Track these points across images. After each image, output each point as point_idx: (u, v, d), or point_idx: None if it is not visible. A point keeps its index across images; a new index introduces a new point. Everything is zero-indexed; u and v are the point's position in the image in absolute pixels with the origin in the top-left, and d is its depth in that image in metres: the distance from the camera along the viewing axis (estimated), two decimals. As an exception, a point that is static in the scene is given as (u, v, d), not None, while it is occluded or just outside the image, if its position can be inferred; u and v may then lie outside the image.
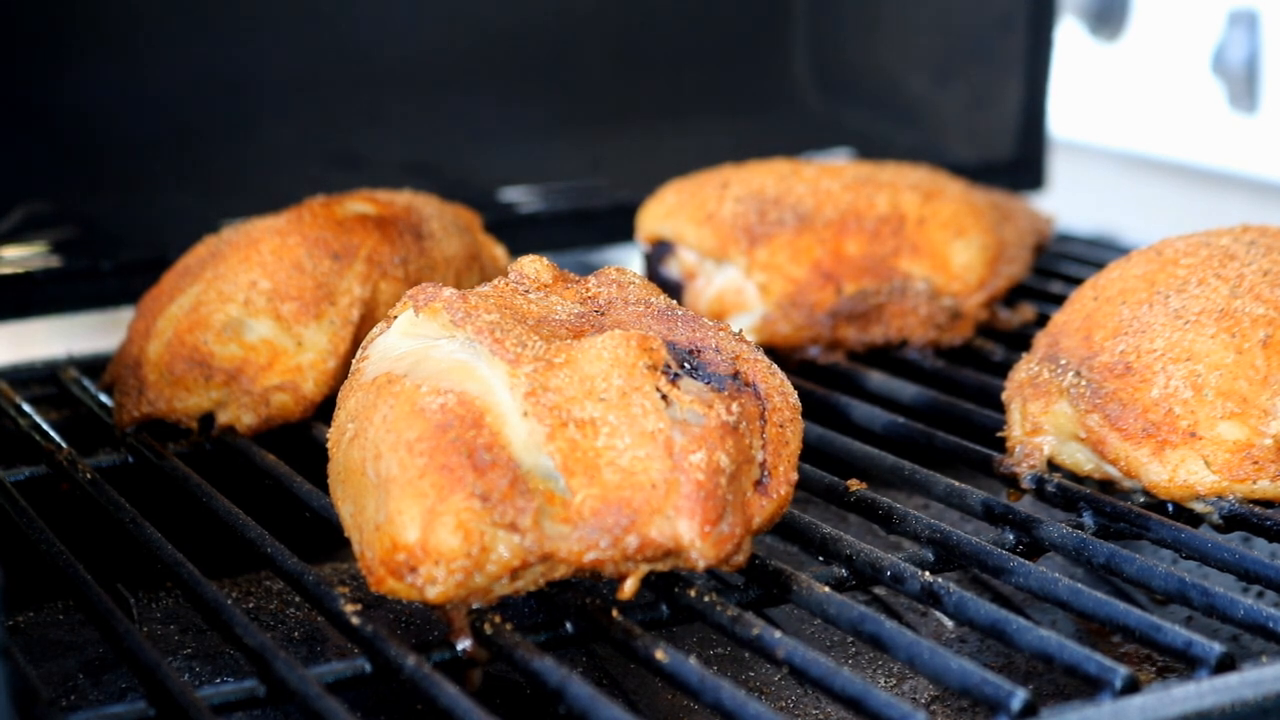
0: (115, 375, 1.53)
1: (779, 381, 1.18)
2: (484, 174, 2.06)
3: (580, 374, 1.12)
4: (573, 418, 1.10)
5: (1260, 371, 1.28)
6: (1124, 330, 1.34)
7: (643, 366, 1.12)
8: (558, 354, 1.14)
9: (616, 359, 1.12)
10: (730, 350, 1.18)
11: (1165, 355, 1.30)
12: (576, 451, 1.09)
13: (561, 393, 1.11)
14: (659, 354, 1.13)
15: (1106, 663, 1.03)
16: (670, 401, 1.11)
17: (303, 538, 1.34)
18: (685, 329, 1.19)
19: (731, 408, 1.12)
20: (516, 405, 1.10)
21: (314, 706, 1.03)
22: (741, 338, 1.21)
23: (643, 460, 1.08)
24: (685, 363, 1.15)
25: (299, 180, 1.81)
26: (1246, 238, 1.40)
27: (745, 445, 1.12)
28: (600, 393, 1.11)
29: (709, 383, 1.14)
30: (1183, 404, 1.28)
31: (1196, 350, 1.29)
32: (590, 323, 1.21)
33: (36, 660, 1.36)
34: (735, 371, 1.16)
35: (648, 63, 2.11)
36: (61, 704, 1.26)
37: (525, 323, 1.18)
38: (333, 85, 1.95)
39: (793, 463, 1.16)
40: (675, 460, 1.08)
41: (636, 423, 1.09)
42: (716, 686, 1.01)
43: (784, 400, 1.17)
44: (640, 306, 1.23)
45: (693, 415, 1.11)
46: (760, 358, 1.19)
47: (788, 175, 1.75)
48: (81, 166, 1.87)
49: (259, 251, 1.51)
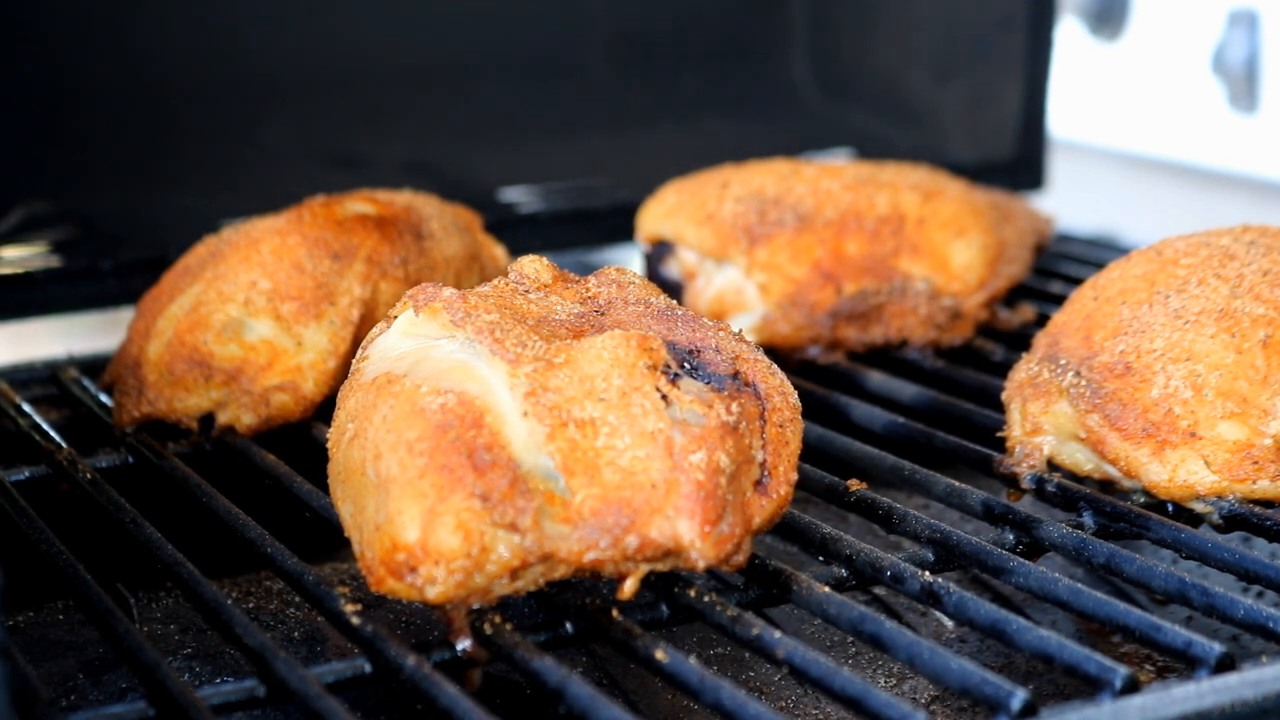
0: (115, 375, 1.53)
1: (779, 381, 1.18)
2: (484, 174, 2.06)
3: (580, 374, 1.12)
4: (573, 418, 1.10)
5: (1260, 371, 1.28)
6: (1124, 330, 1.34)
7: (643, 366, 1.12)
8: (558, 354, 1.14)
9: (616, 359, 1.12)
10: (730, 350, 1.18)
11: (1165, 355, 1.30)
12: (576, 451, 1.09)
13: (561, 393, 1.11)
14: (659, 354, 1.13)
15: (1106, 663, 1.03)
16: (670, 402, 1.11)
17: (303, 538, 1.33)
18: (685, 329, 1.19)
19: (731, 408, 1.12)
20: (516, 405, 1.10)
21: (314, 706, 1.03)
22: (741, 338, 1.21)
23: (643, 460, 1.08)
24: (685, 363, 1.15)
25: (299, 180, 1.81)
26: (1246, 238, 1.40)
27: (745, 445, 1.12)
28: (600, 393, 1.10)
29: (709, 383, 1.14)
30: (1183, 404, 1.28)
31: (1196, 350, 1.29)
32: (590, 323, 1.21)
33: (36, 660, 1.36)
34: (735, 371, 1.16)
35: (648, 63, 2.11)
36: (61, 704, 1.26)
37: (525, 323, 1.18)
38: (333, 85, 1.95)
39: (793, 463, 1.16)
40: (675, 460, 1.08)
41: (636, 423, 1.09)
42: (716, 686, 1.01)
43: (784, 400, 1.17)
44: (640, 306, 1.23)
45: (693, 415, 1.10)
46: (760, 358, 1.19)
47: (788, 175, 1.75)
48: (81, 166, 1.87)
49: (259, 251, 1.51)
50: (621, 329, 1.17)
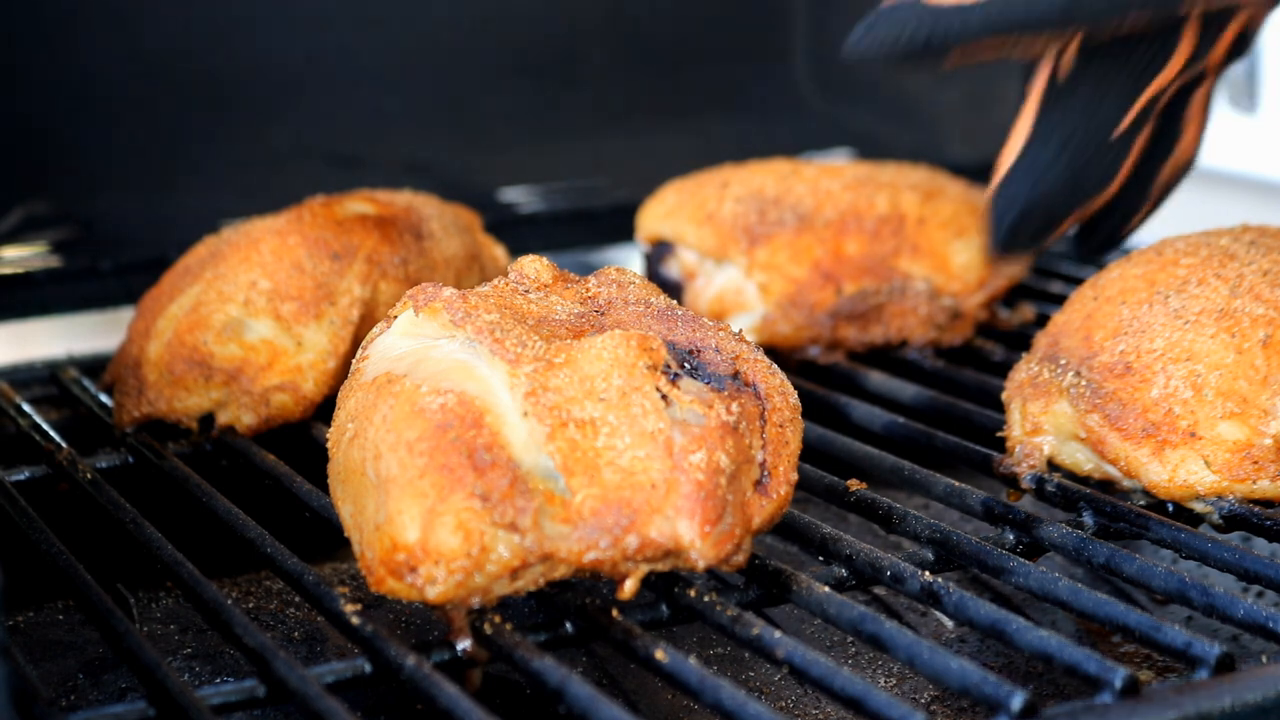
0: (115, 375, 1.53)
1: (779, 381, 1.18)
2: (484, 174, 2.06)
3: (580, 374, 1.12)
4: (573, 418, 1.10)
5: (1260, 371, 1.28)
6: (1124, 330, 1.34)
7: (643, 366, 1.11)
8: (558, 354, 1.14)
9: (616, 359, 1.12)
10: (730, 350, 1.18)
11: (1165, 355, 1.30)
12: (576, 451, 1.09)
13: (561, 393, 1.11)
14: (659, 354, 1.13)
15: (1106, 663, 1.02)
16: (670, 402, 1.10)
17: (303, 538, 1.33)
18: (685, 329, 1.19)
19: (731, 408, 1.12)
20: (516, 405, 1.10)
21: (314, 707, 1.03)
22: (741, 338, 1.21)
23: (643, 460, 1.08)
24: (685, 363, 1.15)
25: (299, 180, 1.80)
26: (1247, 238, 1.40)
27: (745, 445, 1.12)
28: (600, 393, 1.10)
29: (709, 383, 1.14)
30: (1182, 404, 1.28)
31: (1196, 350, 1.29)
32: (590, 323, 1.21)
33: (36, 660, 1.36)
34: (735, 371, 1.16)
35: (648, 63, 2.11)
36: (61, 704, 1.26)
37: (525, 323, 1.18)
38: (333, 85, 1.95)
39: (793, 463, 1.16)
40: (675, 460, 1.08)
41: (636, 423, 1.09)
42: (716, 686, 1.01)
43: (784, 400, 1.17)
44: (640, 306, 1.23)
45: (693, 415, 1.10)
46: (760, 358, 1.19)
47: (788, 175, 1.75)
48: (81, 166, 1.87)
49: (259, 251, 1.51)
50: (621, 329, 1.17)
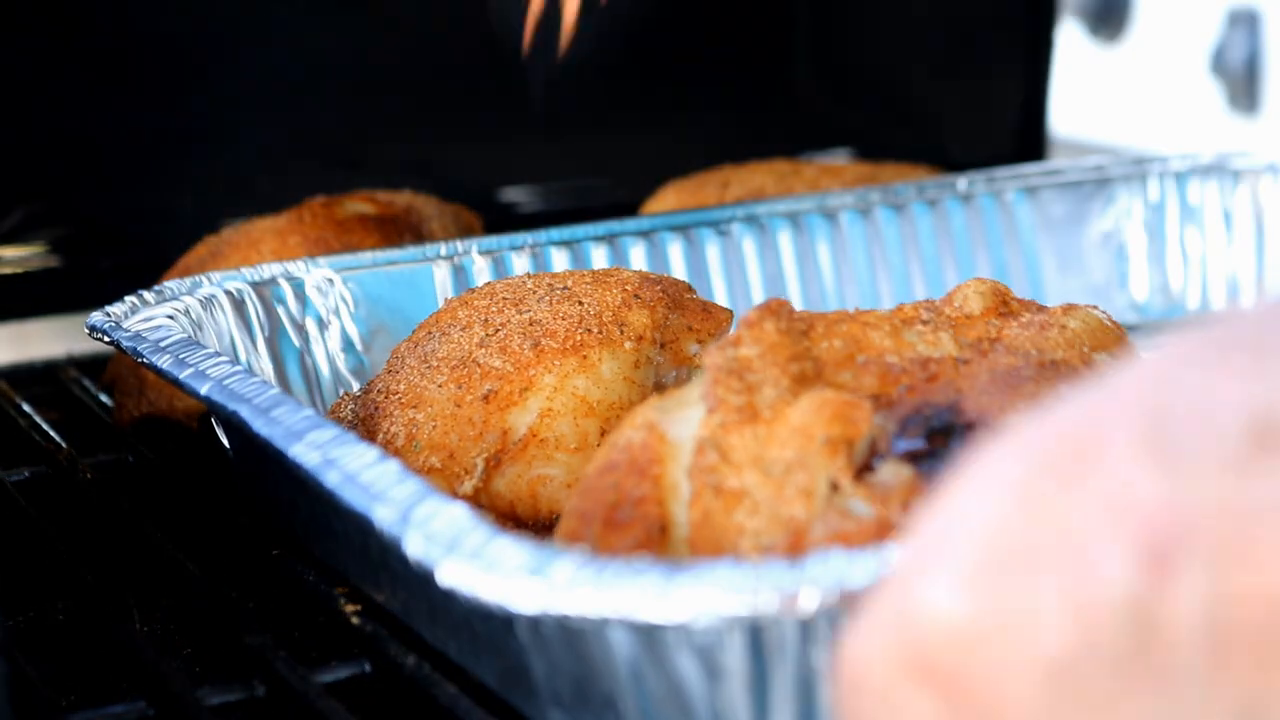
0: (115, 375, 1.53)
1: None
2: (484, 174, 2.06)
3: (774, 436, 0.95)
4: (721, 485, 0.94)
5: (476, 427, 1.18)
6: (394, 368, 1.25)
7: (821, 440, 0.93)
8: (781, 407, 0.97)
9: (801, 426, 0.95)
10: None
11: (402, 399, 1.21)
12: (707, 525, 0.93)
13: (729, 455, 0.95)
14: (857, 428, 0.94)
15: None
16: (839, 488, 0.92)
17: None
18: (998, 396, 0.96)
19: (909, 503, 0.91)
20: (688, 460, 0.97)
21: (314, 707, 1.03)
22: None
23: (764, 549, 0.91)
24: (903, 437, 0.95)
25: (299, 180, 1.80)
26: (562, 282, 1.28)
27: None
28: (769, 462, 0.94)
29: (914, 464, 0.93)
30: (396, 451, 1.19)
31: (425, 397, 1.20)
32: (927, 372, 1.00)
33: (36, 660, 1.35)
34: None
35: (648, 62, 2.11)
36: (61, 704, 1.26)
37: (801, 361, 1.00)
38: (333, 85, 1.95)
39: None
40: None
41: (781, 504, 0.92)
42: (717, 687, 1.01)
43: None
44: (1019, 359, 1.01)
45: (858, 506, 0.92)
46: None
47: (788, 175, 1.75)
48: (81, 166, 1.87)
49: (259, 251, 1.51)
50: (951, 387, 0.98)
